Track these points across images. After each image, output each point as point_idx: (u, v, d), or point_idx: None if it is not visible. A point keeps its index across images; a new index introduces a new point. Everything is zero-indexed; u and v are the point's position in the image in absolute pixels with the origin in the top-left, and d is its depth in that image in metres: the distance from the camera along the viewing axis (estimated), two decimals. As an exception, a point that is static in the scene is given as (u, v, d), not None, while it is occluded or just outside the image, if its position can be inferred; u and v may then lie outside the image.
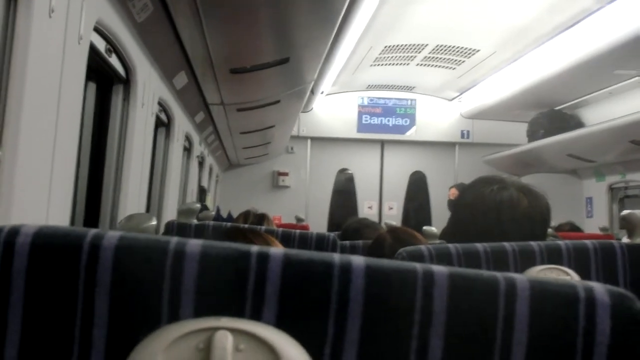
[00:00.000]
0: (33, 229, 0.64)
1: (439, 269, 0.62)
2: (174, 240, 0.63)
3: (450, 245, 1.48)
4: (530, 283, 0.62)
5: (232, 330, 0.58)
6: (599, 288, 0.62)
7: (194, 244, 0.63)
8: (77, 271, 0.62)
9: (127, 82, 3.54)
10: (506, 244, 1.48)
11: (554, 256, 1.48)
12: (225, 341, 0.57)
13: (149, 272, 0.62)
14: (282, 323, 0.61)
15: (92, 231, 0.64)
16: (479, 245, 1.47)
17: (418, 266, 0.63)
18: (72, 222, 2.91)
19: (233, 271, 0.62)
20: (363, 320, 0.61)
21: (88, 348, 0.62)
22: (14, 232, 0.64)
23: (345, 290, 0.61)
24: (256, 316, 0.61)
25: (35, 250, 0.63)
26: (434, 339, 0.61)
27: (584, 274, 1.47)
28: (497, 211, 1.92)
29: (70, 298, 0.62)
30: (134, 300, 0.62)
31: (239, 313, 0.61)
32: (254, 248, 0.63)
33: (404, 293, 0.61)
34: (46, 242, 0.63)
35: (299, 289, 0.61)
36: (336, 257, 0.63)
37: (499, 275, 0.63)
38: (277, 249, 0.63)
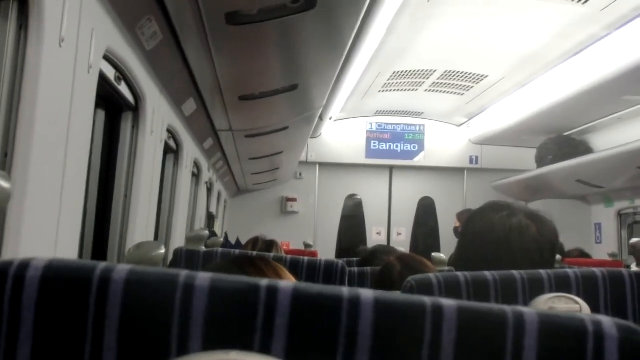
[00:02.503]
0: (43, 263, 0.64)
1: (447, 302, 0.62)
2: (184, 273, 0.63)
3: (459, 274, 1.48)
4: (539, 317, 0.62)
5: (241, 364, 0.58)
6: (607, 321, 0.62)
7: (204, 278, 0.63)
8: (87, 305, 0.62)
9: (136, 109, 3.56)
10: (515, 273, 1.48)
11: (562, 284, 1.48)
12: (234, 375, 0.58)
13: (158, 305, 0.62)
14: (291, 357, 0.60)
15: (102, 265, 0.64)
16: (488, 274, 1.47)
17: (427, 300, 0.62)
18: (81, 249, 2.92)
19: (242, 304, 0.62)
20: (371, 354, 0.61)
21: None
22: (24, 265, 0.64)
23: (354, 324, 0.61)
24: (265, 350, 0.61)
25: (45, 284, 0.63)
26: (443, 373, 0.61)
27: (593, 303, 1.47)
28: (506, 239, 1.91)
29: (80, 332, 0.62)
30: (144, 334, 0.62)
31: (247, 346, 0.61)
32: (264, 282, 0.63)
33: (413, 327, 0.61)
34: (56, 275, 0.63)
35: (308, 323, 0.61)
36: (345, 290, 0.62)
37: (507, 309, 0.63)
38: (286, 283, 0.63)
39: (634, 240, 1.92)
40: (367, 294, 0.62)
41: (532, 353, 0.61)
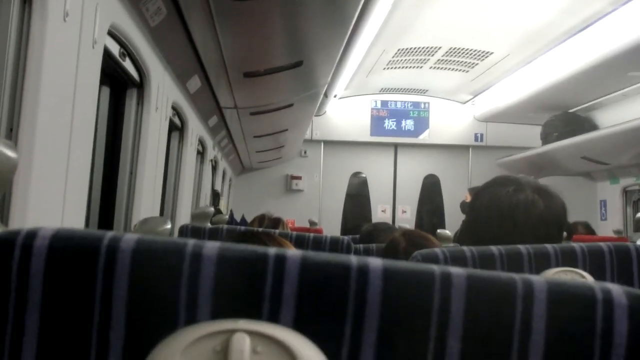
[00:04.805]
0: (50, 232, 0.64)
1: (456, 270, 0.62)
2: (191, 242, 0.63)
3: (465, 248, 1.47)
4: (548, 284, 0.62)
5: (250, 333, 0.58)
6: (616, 289, 0.62)
7: (211, 247, 0.62)
8: (95, 274, 0.62)
9: (141, 86, 3.55)
10: (521, 247, 1.47)
11: (568, 259, 1.48)
12: (242, 343, 0.57)
13: (166, 274, 0.62)
14: (300, 325, 0.60)
15: (110, 234, 0.64)
16: (494, 248, 1.46)
17: (435, 268, 0.62)
18: (87, 225, 2.93)
19: (250, 273, 0.61)
20: (380, 321, 0.60)
21: (105, 351, 0.62)
22: (32, 234, 0.63)
23: (362, 292, 0.61)
24: (273, 318, 0.60)
25: (52, 253, 0.63)
26: (451, 340, 0.61)
27: (599, 277, 1.46)
28: (512, 214, 1.90)
29: (88, 301, 0.62)
30: (151, 303, 0.62)
31: (256, 315, 0.60)
32: (271, 250, 0.63)
33: (422, 294, 0.61)
34: (64, 244, 0.63)
35: (317, 291, 0.61)
36: (353, 259, 0.62)
37: (516, 276, 0.62)
38: (294, 251, 0.63)
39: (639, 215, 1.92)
40: (375, 262, 0.62)
41: (541, 321, 0.61)
